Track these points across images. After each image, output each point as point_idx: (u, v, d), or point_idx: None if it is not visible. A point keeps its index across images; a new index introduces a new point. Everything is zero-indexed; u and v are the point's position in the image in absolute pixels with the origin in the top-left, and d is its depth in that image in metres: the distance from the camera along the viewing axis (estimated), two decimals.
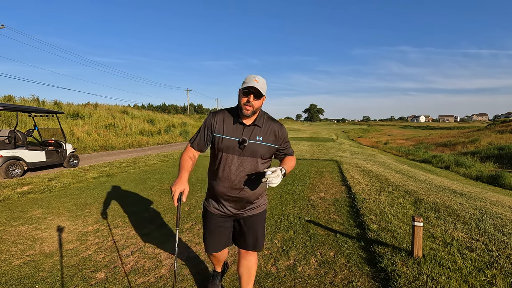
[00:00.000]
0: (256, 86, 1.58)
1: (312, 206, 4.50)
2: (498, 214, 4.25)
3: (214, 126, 1.72)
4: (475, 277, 2.37)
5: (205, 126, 1.75)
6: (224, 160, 1.69)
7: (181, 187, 1.56)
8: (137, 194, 5.27)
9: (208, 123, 1.74)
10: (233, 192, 1.72)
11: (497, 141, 25.87)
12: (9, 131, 7.49)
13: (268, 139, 1.73)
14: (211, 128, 1.73)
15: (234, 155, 1.68)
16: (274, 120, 1.81)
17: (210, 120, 1.73)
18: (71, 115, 17.35)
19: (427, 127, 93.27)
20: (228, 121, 1.71)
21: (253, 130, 1.70)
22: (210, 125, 1.73)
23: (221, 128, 1.70)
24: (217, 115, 1.74)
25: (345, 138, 41.56)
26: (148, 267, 2.63)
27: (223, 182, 1.71)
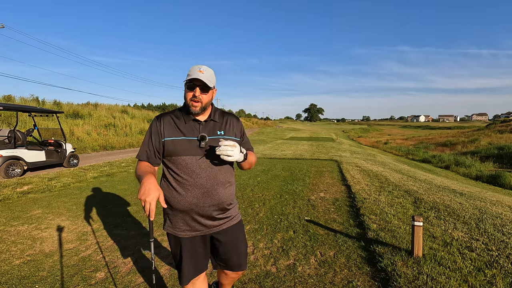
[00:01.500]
0: (201, 78, 1.36)
1: (312, 206, 4.50)
2: (498, 214, 4.25)
3: (161, 130, 1.46)
4: (475, 277, 2.37)
5: (151, 134, 1.48)
6: (186, 165, 1.43)
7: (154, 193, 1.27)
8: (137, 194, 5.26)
9: (154, 129, 1.47)
10: (206, 200, 1.45)
11: (497, 141, 25.89)
12: (9, 130, 7.49)
13: (229, 132, 1.54)
14: (159, 133, 1.46)
15: (197, 155, 1.44)
16: (229, 113, 1.62)
17: (156, 125, 1.48)
18: (71, 115, 17.36)
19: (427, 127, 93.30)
20: (178, 122, 1.47)
21: (212, 125, 1.51)
22: (157, 131, 1.47)
23: (172, 131, 1.45)
24: (163, 117, 1.49)
25: (345, 138, 41.57)
26: (148, 267, 2.63)
27: (192, 191, 1.43)
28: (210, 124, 1.50)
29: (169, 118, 1.49)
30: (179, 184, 1.45)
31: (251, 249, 3.00)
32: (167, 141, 1.45)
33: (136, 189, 5.58)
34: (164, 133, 1.46)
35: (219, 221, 1.52)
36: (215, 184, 1.46)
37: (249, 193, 5.28)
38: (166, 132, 1.46)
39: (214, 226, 1.52)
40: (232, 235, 1.57)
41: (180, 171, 1.44)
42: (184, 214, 1.47)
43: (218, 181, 1.47)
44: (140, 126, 20.99)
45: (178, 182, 1.45)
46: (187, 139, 1.44)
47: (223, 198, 1.49)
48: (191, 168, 1.43)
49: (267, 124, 73.57)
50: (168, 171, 1.50)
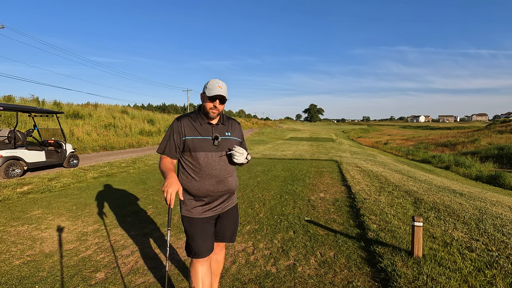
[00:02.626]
0: (222, 94, 1.69)
1: (312, 206, 4.50)
2: (498, 214, 4.25)
3: (183, 130, 1.75)
4: (475, 277, 2.37)
5: (173, 132, 1.75)
6: (203, 159, 1.74)
7: (175, 186, 1.55)
8: (137, 194, 5.27)
9: (176, 129, 1.75)
10: (219, 187, 1.78)
11: (496, 141, 25.90)
12: (9, 131, 7.48)
13: (234, 134, 1.89)
14: (180, 133, 1.75)
15: (212, 152, 1.76)
16: (233, 118, 1.98)
17: (178, 126, 1.76)
18: (71, 115, 17.36)
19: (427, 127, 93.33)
20: (195, 124, 1.77)
21: (221, 128, 1.83)
22: (179, 130, 1.75)
23: (191, 131, 1.75)
24: (183, 120, 1.78)
25: (345, 138, 41.57)
26: (148, 267, 2.63)
27: (209, 180, 1.75)
28: (220, 127, 1.83)
29: (187, 120, 1.78)
30: (198, 174, 1.75)
31: (251, 249, 3.00)
32: (188, 139, 1.74)
33: (135, 190, 5.59)
34: (185, 133, 1.75)
35: (226, 203, 1.87)
36: (226, 174, 1.80)
37: (249, 194, 5.28)
38: (187, 132, 1.75)
39: (223, 207, 1.86)
40: (232, 214, 1.93)
41: (198, 164, 1.74)
42: (203, 198, 1.78)
43: (227, 172, 1.81)
44: (140, 127, 20.98)
45: (197, 173, 1.75)
46: (205, 138, 1.76)
47: (231, 185, 1.85)
48: (207, 161, 1.74)
49: (267, 124, 73.56)
50: (187, 164, 1.78)
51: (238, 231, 3.46)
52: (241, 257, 2.81)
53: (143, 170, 7.88)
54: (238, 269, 2.59)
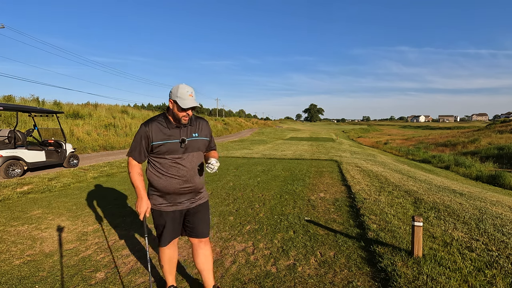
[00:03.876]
0: (194, 104, 1.80)
1: (312, 206, 4.50)
2: (498, 214, 4.25)
3: (151, 135, 1.84)
4: (475, 277, 2.37)
5: (141, 138, 1.85)
6: (172, 161, 1.87)
7: (145, 206, 1.86)
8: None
9: (144, 134, 1.84)
10: (186, 187, 1.91)
11: (497, 141, 25.90)
12: (9, 131, 7.48)
13: (202, 134, 1.99)
14: (148, 137, 1.84)
15: (179, 154, 1.88)
16: (201, 118, 2.06)
17: (145, 131, 1.84)
18: (71, 115, 17.35)
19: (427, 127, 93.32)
20: (163, 129, 1.86)
21: (188, 129, 1.92)
22: (147, 135, 1.84)
23: (159, 136, 1.84)
24: (151, 125, 1.85)
25: (345, 138, 41.57)
26: (148, 267, 2.63)
27: (177, 179, 1.88)
28: (188, 128, 1.92)
29: (156, 125, 1.86)
30: (166, 174, 1.88)
31: (251, 249, 3.00)
32: (156, 144, 1.84)
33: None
34: (153, 138, 1.84)
35: (193, 200, 1.99)
36: (193, 174, 1.93)
37: (249, 193, 5.28)
38: (155, 137, 1.84)
39: (190, 204, 1.99)
40: (201, 210, 2.04)
41: (167, 166, 1.87)
42: (169, 195, 1.92)
43: (194, 172, 1.94)
44: None
45: (166, 173, 1.88)
46: (172, 142, 1.86)
47: (198, 184, 1.98)
48: (175, 163, 1.87)
49: (267, 124, 73.55)
50: (155, 164, 1.91)
51: (238, 230, 3.47)
52: (241, 257, 2.81)
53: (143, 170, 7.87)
54: (238, 269, 2.58)
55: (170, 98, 1.84)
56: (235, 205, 4.54)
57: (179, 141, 1.86)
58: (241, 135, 33.44)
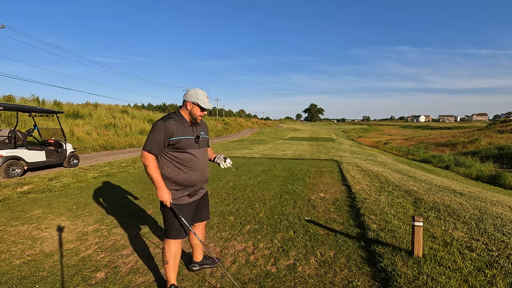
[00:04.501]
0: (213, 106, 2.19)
1: (312, 206, 4.50)
2: (498, 214, 4.25)
3: (171, 132, 2.01)
4: (475, 277, 2.37)
5: (161, 133, 1.99)
6: (190, 155, 2.10)
7: (168, 194, 2.01)
8: (137, 194, 5.27)
9: (163, 130, 1.99)
10: (202, 177, 2.19)
11: (497, 141, 25.89)
12: (9, 131, 7.48)
13: (206, 133, 2.30)
14: (168, 134, 2.01)
15: (195, 149, 2.12)
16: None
17: (165, 127, 2.00)
18: (71, 115, 17.36)
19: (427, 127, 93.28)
20: (180, 126, 2.07)
21: (197, 128, 2.19)
22: (167, 132, 2.00)
23: (178, 132, 2.04)
24: (170, 122, 2.03)
25: (345, 138, 41.57)
26: (148, 267, 2.63)
27: (195, 171, 2.12)
28: (197, 127, 2.19)
29: (174, 122, 2.04)
30: (186, 167, 2.10)
31: (251, 249, 3.00)
32: (175, 139, 2.03)
33: (135, 190, 5.59)
34: (172, 133, 2.01)
35: (203, 190, 2.32)
36: (205, 167, 2.22)
37: (249, 193, 5.28)
38: (174, 133, 2.02)
39: (201, 194, 2.29)
40: (205, 197, 2.41)
41: (187, 160, 2.10)
42: (189, 187, 2.14)
43: (206, 165, 2.24)
44: (140, 126, 20.97)
45: (185, 167, 2.09)
46: (189, 138, 2.09)
47: (208, 175, 2.31)
48: (194, 157, 2.12)
49: (267, 124, 73.55)
50: (173, 159, 2.08)
51: (239, 230, 3.48)
52: (241, 257, 2.81)
53: (143, 170, 7.87)
54: (238, 269, 2.59)
55: (189, 100, 2.06)
56: (235, 205, 4.54)
57: (194, 137, 2.11)
58: (241, 135, 33.45)
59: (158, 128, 1.98)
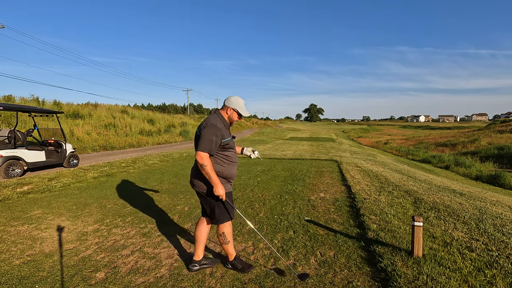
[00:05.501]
0: (248, 115, 2.53)
1: (312, 206, 4.50)
2: (498, 214, 4.25)
3: (223, 134, 2.32)
4: (475, 277, 2.37)
5: (217, 137, 2.27)
6: (233, 152, 2.47)
7: (223, 189, 2.27)
8: (137, 194, 5.27)
9: (219, 133, 2.28)
10: (236, 170, 2.54)
11: (497, 141, 25.89)
12: (9, 131, 7.48)
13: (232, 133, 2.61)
14: (221, 136, 2.30)
15: (233, 147, 2.51)
16: None
17: (220, 130, 2.29)
18: (71, 115, 17.35)
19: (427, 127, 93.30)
20: (224, 129, 2.37)
21: (230, 130, 2.55)
22: (221, 134, 2.30)
23: (226, 134, 2.37)
24: (220, 125, 2.32)
25: (345, 138, 41.57)
26: (148, 267, 2.63)
27: (235, 165, 2.49)
28: (230, 129, 2.54)
29: (223, 126, 2.35)
30: (231, 163, 2.44)
31: (251, 249, 3.00)
32: (226, 141, 2.36)
33: (135, 189, 5.58)
34: (223, 136, 2.33)
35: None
36: (237, 163, 2.55)
37: (249, 193, 5.28)
38: (224, 135, 2.34)
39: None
40: None
41: (232, 156, 2.46)
42: (230, 179, 2.49)
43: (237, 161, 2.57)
44: (140, 126, 20.97)
45: (230, 162, 2.44)
46: (231, 139, 2.45)
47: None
48: (234, 153, 2.49)
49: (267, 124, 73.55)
50: (221, 157, 2.39)
51: (238, 230, 3.48)
52: (241, 257, 2.81)
53: (143, 170, 7.87)
54: None
55: (230, 106, 2.38)
56: (235, 205, 4.53)
57: (231, 137, 2.47)
58: (241, 135, 33.44)
59: (213, 132, 2.24)
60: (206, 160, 2.20)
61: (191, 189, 5.64)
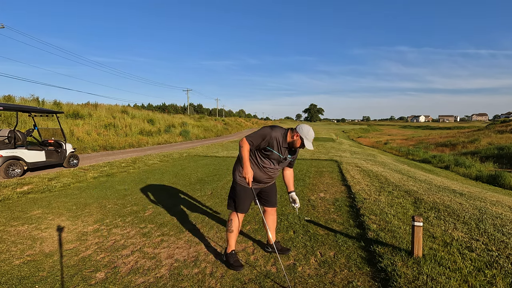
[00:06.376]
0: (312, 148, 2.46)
1: (312, 206, 4.50)
2: (498, 214, 4.25)
3: (270, 143, 2.42)
4: (475, 277, 2.37)
5: (264, 140, 2.41)
6: (270, 163, 2.52)
7: (251, 173, 2.41)
8: (137, 194, 5.27)
9: (267, 138, 2.41)
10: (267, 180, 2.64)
11: (497, 141, 25.89)
12: (9, 131, 7.48)
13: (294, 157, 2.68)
14: (267, 143, 2.42)
15: (275, 163, 2.55)
16: None
17: (270, 136, 2.41)
18: (71, 115, 17.35)
19: (427, 127, 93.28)
20: (279, 143, 2.45)
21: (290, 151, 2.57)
22: (268, 140, 2.41)
23: (275, 146, 2.44)
24: (275, 136, 2.42)
25: (345, 138, 41.56)
26: (148, 267, 2.63)
27: (265, 174, 2.56)
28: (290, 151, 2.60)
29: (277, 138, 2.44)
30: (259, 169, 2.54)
31: (251, 249, 3.00)
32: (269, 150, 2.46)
33: (135, 189, 5.59)
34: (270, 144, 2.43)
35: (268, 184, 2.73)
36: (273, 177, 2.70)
37: None
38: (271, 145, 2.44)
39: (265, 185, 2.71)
40: (273, 188, 2.80)
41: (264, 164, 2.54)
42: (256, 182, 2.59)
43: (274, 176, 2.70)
44: (140, 126, 20.97)
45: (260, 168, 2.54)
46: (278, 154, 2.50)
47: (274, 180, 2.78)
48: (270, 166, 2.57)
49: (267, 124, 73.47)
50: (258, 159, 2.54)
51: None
52: (241, 257, 2.81)
53: (143, 170, 7.87)
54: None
55: (299, 132, 2.40)
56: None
57: (281, 157, 2.50)
58: (241, 135, 33.44)
59: (265, 133, 2.41)
60: (245, 144, 2.41)
61: (191, 189, 5.64)
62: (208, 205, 4.57)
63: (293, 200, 2.71)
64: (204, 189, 5.62)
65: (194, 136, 26.06)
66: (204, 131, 30.00)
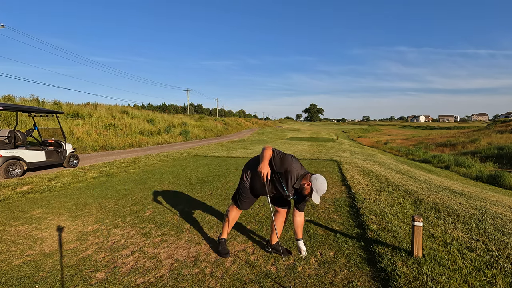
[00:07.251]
0: (318, 202, 2.37)
1: (312, 206, 4.50)
2: (498, 214, 4.25)
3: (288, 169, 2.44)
4: (475, 277, 2.37)
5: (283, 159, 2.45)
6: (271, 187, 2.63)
7: (267, 169, 2.39)
8: (137, 194, 5.27)
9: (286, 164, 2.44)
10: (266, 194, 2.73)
11: (497, 141, 25.89)
12: (9, 131, 7.48)
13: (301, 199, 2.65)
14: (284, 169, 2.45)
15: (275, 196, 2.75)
16: None
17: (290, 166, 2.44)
18: (71, 115, 17.35)
19: (427, 127, 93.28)
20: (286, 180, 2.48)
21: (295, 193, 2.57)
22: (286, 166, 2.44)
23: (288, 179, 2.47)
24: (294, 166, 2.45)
25: (345, 138, 41.57)
26: (148, 267, 2.63)
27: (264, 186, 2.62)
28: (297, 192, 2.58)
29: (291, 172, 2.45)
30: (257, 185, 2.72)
31: (251, 249, 3.00)
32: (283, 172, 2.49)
33: (135, 189, 5.58)
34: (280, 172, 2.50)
35: None
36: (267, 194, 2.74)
37: None
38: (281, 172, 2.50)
39: None
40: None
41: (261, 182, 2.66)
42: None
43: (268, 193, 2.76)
44: (140, 126, 20.97)
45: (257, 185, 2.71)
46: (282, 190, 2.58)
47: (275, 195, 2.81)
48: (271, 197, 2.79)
49: (267, 124, 73.55)
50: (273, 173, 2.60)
51: (239, 230, 3.48)
52: (241, 257, 2.81)
53: (143, 170, 7.87)
54: (238, 269, 2.59)
55: (313, 183, 2.33)
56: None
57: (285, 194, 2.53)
58: (241, 135, 33.44)
59: (286, 157, 2.45)
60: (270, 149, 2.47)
61: (191, 189, 5.64)
62: (208, 205, 4.57)
63: (299, 249, 2.62)
64: (204, 189, 5.62)
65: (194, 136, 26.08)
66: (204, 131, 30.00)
